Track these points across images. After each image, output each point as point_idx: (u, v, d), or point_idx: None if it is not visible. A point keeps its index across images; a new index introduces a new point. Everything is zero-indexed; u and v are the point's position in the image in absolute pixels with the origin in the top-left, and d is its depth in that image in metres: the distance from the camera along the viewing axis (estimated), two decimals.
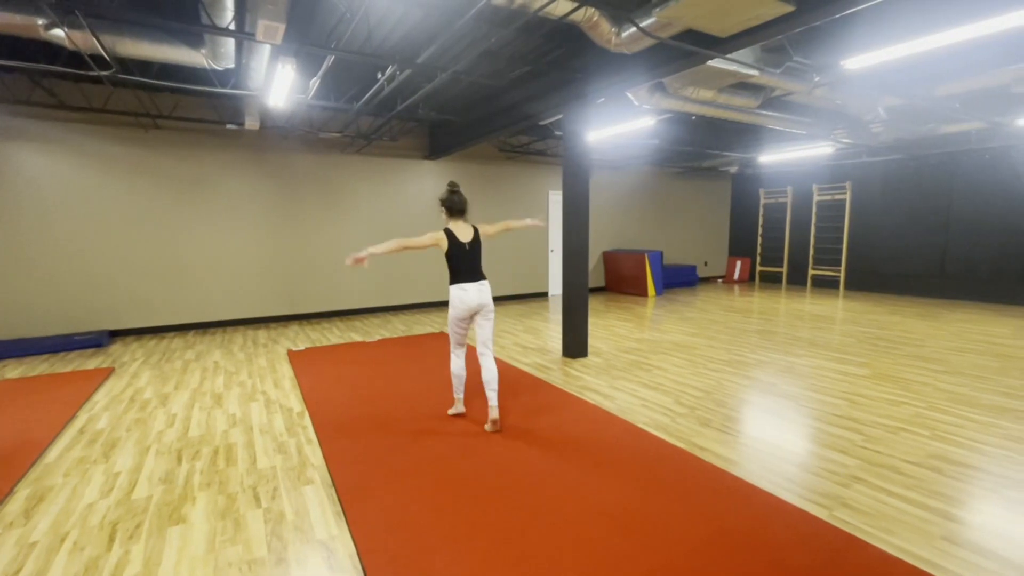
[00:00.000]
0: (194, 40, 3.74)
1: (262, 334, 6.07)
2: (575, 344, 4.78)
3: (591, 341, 5.46)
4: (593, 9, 3.09)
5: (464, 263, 2.96)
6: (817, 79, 4.18)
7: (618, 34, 3.23)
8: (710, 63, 3.39)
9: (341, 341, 5.60)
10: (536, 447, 2.80)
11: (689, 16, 2.65)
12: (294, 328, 6.43)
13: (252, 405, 3.59)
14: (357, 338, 5.76)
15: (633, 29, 3.03)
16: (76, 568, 1.85)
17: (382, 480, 2.45)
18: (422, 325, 6.53)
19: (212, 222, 6.30)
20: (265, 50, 3.81)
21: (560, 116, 4.73)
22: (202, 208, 6.23)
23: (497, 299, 8.64)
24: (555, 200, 9.02)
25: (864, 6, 2.56)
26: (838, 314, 7.01)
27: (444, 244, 2.93)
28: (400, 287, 7.72)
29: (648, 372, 4.28)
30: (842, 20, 3.48)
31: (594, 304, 8.23)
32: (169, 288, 6.14)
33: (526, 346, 5.28)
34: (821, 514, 2.14)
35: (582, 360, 4.71)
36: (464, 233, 2.98)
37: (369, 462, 2.64)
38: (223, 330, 6.34)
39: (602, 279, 9.97)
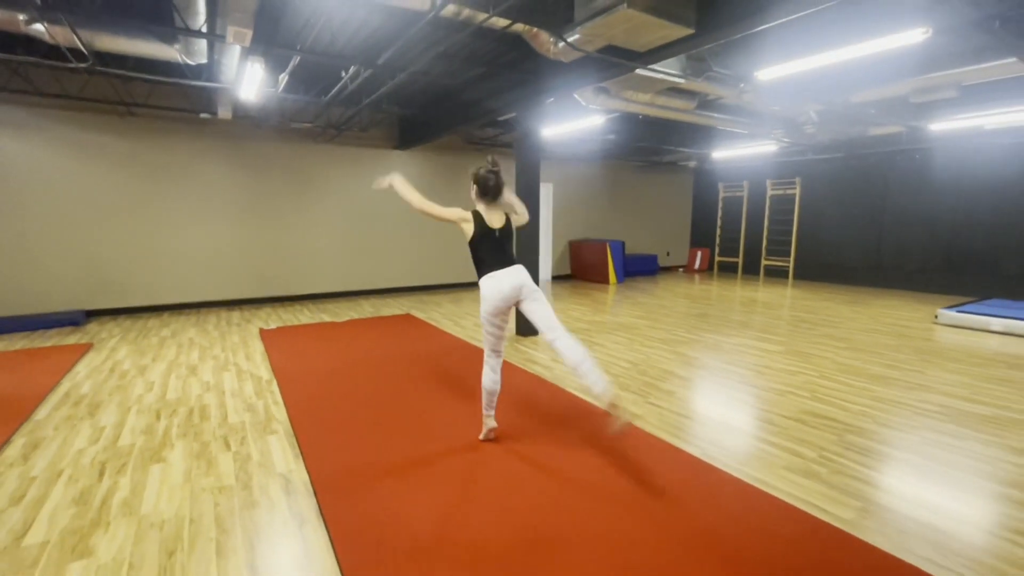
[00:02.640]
0: (168, 37, 4.02)
1: (235, 315, 6.38)
2: (527, 324, 5.23)
3: None
4: None
5: (492, 253, 2.49)
6: (742, 85, 4.66)
7: (556, 44, 3.64)
8: (639, 71, 3.82)
9: (311, 321, 5.96)
10: (477, 404, 3.24)
11: (607, 35, 3.07)
12: (266, 310, 6.75)
13: (225, 374, 3.95)
14: (327, 319, 6.12)
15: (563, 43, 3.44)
16: (73, 493, 2.23)
17: (339, 430, 2.87)
18: (390, 307, 6.91)
19: (186, 207, 6.55)
20: (236, 48, 4.11)
21: (514, 114, 5.13)
22: (176, 194, 6.47)
23: (465, 286, 9.04)
24: None
25: (755, 30, 3.01)
26: (777, 301, 7.61)
27: (469, 229, 2.47)
28: (370, 272, 8.07)
29: (589, 348, 4.75)
30: (753, 35, 3.94)
31: (557, 291, 8.70)
32: (144, 270, 6.39)
33: None
34: (696, 452, 2.63)
35: (532, 338, 5.16)
36: (495, 218, 2.54)
37: (328, 419, 3.05)
38: (197, 311, 6.63)
39: (568, 267, 10.45)
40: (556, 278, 10.26)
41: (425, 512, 2.08)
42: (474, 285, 9.10)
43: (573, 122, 6.07)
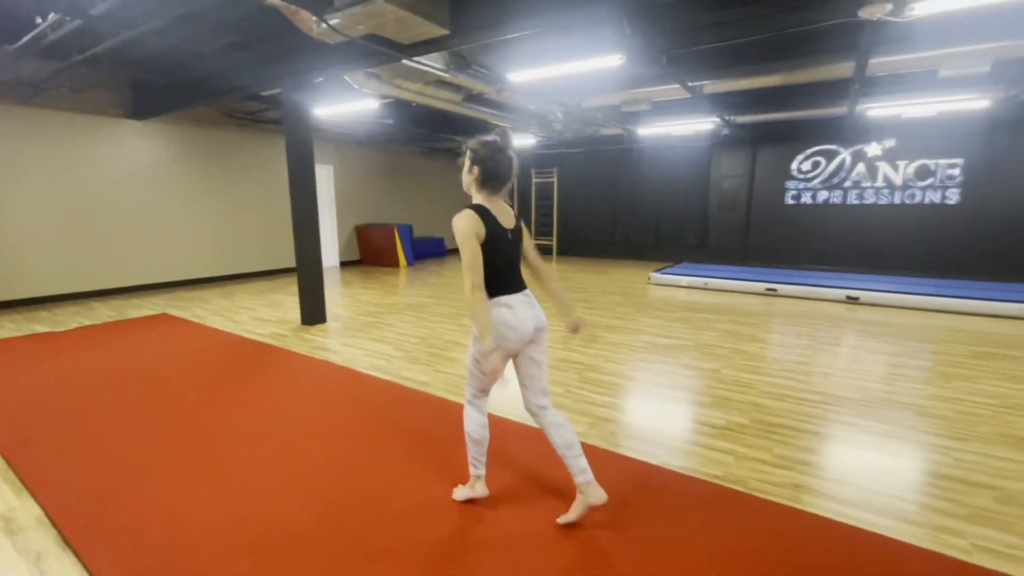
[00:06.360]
0: None
1: None
2: (312, 311, 5.07)
3: (334, 309, 5.81)
4: None
5: (506, 264, 1.86)
6: (500, 84, 5.28)
7: (318, 24, 3.58)
8: (406, 61, 4.03)
9: (18, 334, 4.67)
10: (254, 394, 3.11)
11: (369, 23, 3.19)
12: None
13: None
14: (42, 329, 4.87)
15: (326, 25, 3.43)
16: None
17: (77, 453, 2.45)
18: (139, 308, 5.84)
19: None
20: None
21: (279, 90, 4.83)
22: None
23: (241, 276, 8.12)
24: None
25: (500, 39, 3.50)
26: None
27: (481, 232, 1.77)
28: (106, 267, 6.61)
29: (379, 329, 4.89)
30: (503, 42, 4.52)
31: (346, 276, 8.50)
32: None
33: (264, 319, 5.32)
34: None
35: (320, 326, 5.04)
36: (506, 216, 1.87)
37: (59, 444, 2.56)
38: None
39: (357, 252, 10.23)
40: (345, 264, 9.97)
41: (191, 511, 2.00)
42: (249, 277, 8.25)
43: (347, 104, 5.98)
